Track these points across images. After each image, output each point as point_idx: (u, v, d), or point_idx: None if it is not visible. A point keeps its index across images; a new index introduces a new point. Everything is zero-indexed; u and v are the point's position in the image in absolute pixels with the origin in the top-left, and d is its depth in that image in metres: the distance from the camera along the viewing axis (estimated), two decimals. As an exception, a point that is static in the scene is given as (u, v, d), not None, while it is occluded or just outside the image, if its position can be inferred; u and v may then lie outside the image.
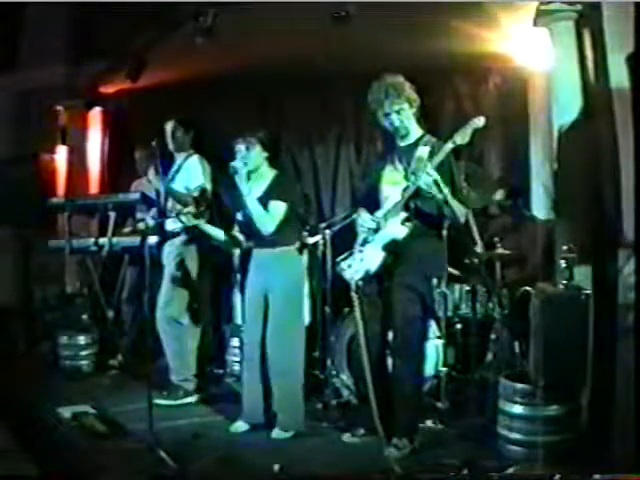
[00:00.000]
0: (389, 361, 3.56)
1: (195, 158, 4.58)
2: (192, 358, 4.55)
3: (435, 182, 3.21)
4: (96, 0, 4.96)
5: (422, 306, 3.45)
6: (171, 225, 4.43)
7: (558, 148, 4.07)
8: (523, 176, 4.98)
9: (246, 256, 4.04)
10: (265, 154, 3.88)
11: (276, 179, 3.87)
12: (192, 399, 4.44)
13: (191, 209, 4.07)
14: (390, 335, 3.54)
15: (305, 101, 5.75)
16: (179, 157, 4.62)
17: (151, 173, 4.52)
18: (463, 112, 5.24)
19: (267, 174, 3.89)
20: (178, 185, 4.49)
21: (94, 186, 6.15)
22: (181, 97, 5.70)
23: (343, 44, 4.55)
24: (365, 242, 3.50)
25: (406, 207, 3.37)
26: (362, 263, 3.47)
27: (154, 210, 4.62)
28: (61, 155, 6.13)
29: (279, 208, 3.75)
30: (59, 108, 6.06)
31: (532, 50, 4.62)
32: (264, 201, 3.76)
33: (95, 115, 6.15)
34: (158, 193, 4.48)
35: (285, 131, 5.86)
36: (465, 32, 4.44)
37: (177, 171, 4.58)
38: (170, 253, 4.49)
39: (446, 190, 3.27)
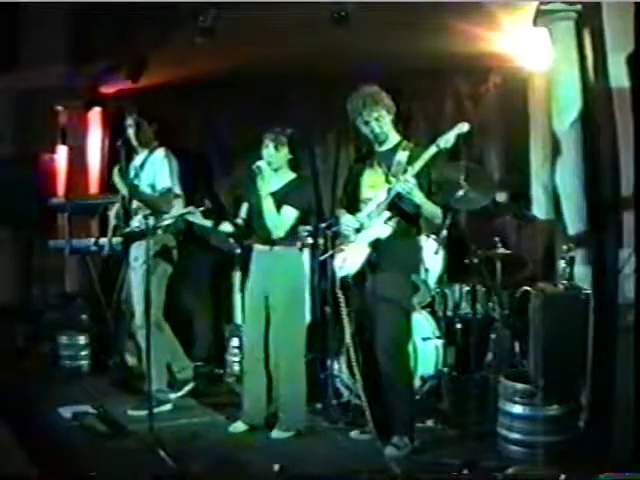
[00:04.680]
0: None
1: (160, 152, 4.42)
2: (187, 359, 4.55)
3: (412, 189, 3.34)
4: (96, 0, 4.94)
5: (405, 302, 3.53)
6: (137, 225, 4.27)
7: (558, 148, 4.07)
8: (523, 176, 4.98)
9: (247, 255, 4.04)
10: (289, 156, 3.89)
11: (292, 183, 3.88)
12: (166, 408, 4.29)
13: (191, 208, 4.04)
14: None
15: (305, 101, 5.74)
16: (143, 152, 4.46)
17: (116, 175, 4.35)
18: (463, 112, 5.24)
19: (285, 176, 3.89)
20: (144, 182, 4.38)
21: (94, 186, 6.14)
22: (181, 97, 5.71)
23: (343, 44, 4.55)
24: (348, 241, 3.56)
25: (389, 207, 3.46)
26: (346, 262, 3.53)
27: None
28: (61, 155, 6.13)
29: (290, 214, 3.77)
30: (59, 108, 6.05)
31: (532, 50, 4.62)
32: (277, 202, 3.77)
33: (95, 115, 6.14)
34: (123, 196, 4.37)
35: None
36: (465, 32, 4.44)
37: (142, 167, 4.42)
38: (139, 256, 4.25)
39: (421, 195, 3.39)
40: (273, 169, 3.82)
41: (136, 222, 4.32)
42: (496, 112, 5.21)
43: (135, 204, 4.36)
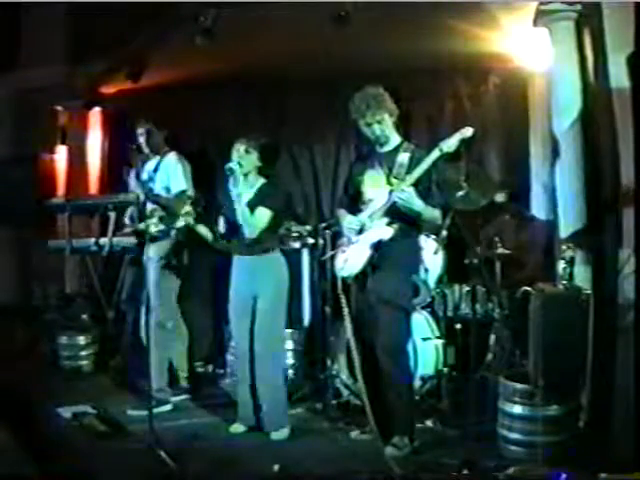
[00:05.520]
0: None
1: (172, 156, 4.50)
2: (182, 362, 4.59)
3: (409, 198, 3.35)
4: (96, 0, 4.95)
5: (405, 303, 3.54)
6: (153, 228, 4.26)
7: (558, 148, 4.08)
8: (523, 176, 4.98)
9: (228, 259, 4.03)
10: (259, 163, 3.89)
11: (263, 187, 3.90)
12: (166, 408, 4.29)
13: (189, 209, 4.05)
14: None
15: (305, 101, 5.75)
16: (155, 158, 4.54)
17: (132, 178, 4.45)
18: (463, 112, 5.25)
19: (255, 182, 3.91)
20: (158, 186, 4.44)
21: (94, 186, 6.14)
22: (181, 97, 5.71)
23: (343, 44, 4.55)
24: (349, 242, 3.57)
25: (388, 213, 3.47)
26: (347, 263, 3.54)
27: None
28: (61, 155, 6.12)
29: (264, 215, 3.79)
30: (59, 108, 6.06)
31: (532, 50, 4.62)
32: (251, 206, 3.78)
33: (95, 115, 6.14)
34: (138, 198, 4.38)
35: (285, 131, 5.86)
36: (465, 32, 4.44)
37: (155, 171, 4.50)
38: (153, 256, 4.30)
39: (419, 202, 3.38)
40: (243, 173, 3.82)
41: (150, 223, 4.33)
42: (496, 112, 5.22)
43: (149, 206, 4.37)
